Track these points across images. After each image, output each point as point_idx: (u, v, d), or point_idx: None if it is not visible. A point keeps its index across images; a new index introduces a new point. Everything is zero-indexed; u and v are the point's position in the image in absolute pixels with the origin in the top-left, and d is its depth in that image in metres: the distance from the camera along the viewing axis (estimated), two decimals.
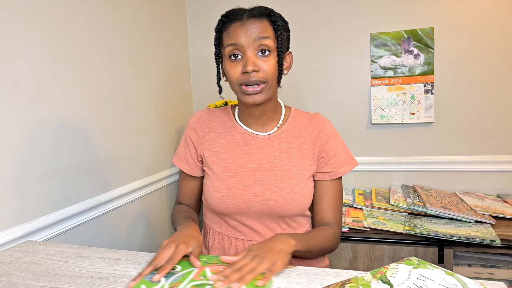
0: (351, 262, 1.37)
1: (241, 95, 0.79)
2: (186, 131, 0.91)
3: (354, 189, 1.71)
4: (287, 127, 0.88)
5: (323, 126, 0.88)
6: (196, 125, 0.90)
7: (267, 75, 0.76)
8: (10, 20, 0.86)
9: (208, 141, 0.88)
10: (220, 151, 0.86)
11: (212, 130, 0.89)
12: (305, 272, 0.63)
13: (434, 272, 0.55)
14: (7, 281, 0.63)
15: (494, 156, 1.56)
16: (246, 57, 0.75)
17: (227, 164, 0.85)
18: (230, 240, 0.86)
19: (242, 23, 0.76)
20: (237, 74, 0.76)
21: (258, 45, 0.75)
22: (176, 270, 0.62)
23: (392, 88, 1.63)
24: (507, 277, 1.26)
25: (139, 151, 1.39)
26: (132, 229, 1.35)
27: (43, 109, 0.95)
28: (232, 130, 0.88)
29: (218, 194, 0.83)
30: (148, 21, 1.47)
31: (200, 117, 0.91)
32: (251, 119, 0.87)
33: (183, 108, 1.79)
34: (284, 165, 0.84)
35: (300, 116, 0.91)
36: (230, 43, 0.76)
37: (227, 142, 0.87)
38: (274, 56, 0.77)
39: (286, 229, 0.85)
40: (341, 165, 0.87)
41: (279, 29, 0.77)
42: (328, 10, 1.67)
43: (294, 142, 0.87)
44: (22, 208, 0.89)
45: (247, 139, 0.86)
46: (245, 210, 0.83)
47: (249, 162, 0.84)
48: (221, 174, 0.84)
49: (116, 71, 1.25)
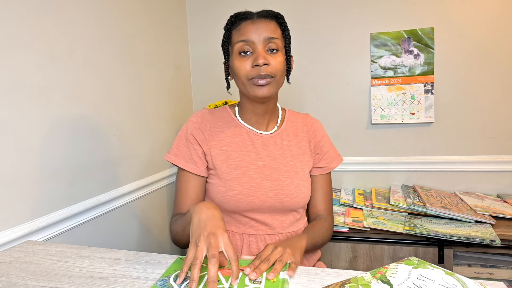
0: (351, 262, 1.37)
1: (250, 89, 0.81)
2: (188, 131, 0.88)
3: (354, 189, 1.71)
4: (285, 126, 0.94)
5: (316, 126, 0.98)
6: (201, 124, 0.89)
7: (276, 70, 0.80)
8: (10, 20, 0.86)
9: (215, 141, 0.88)
10: (229, 150, 0.87)
11: (217, 130, 0.89)
12: (305, 272, 0.63)
13: (434, 272, 0.55)
14: (7, 281, 0.63)
15: (494, 156, 1.56)
16: (257, 52, 0.79)
17: (237, 162, 0.86)
18: (242, 237, 0.87)
19: (253, 21, 0.81)
20: (247, 69, 0.80)
21: (267, 43, 0.80)
22: (186, 276, 0.60)
23: (392, 88, 1.63)
24: (507, 277, 1.26)
25: (139, 151, 1.39)
26: (132, 229, 1.35)
27: (43, 109, 0.95)
28: (237, 129, 0.90)
29: (232, 192, 0.84)
30: (148, 21, 1.47)
31: (203, 117, 0.90)
32: (254, 118, 0.90)
33: (183, 108, 1.79)
34: (289, 162, 0.89)
35: (294, 116, 0.98)
36: (241, 39, 0.80)
37: (235, 141, 0.88)
38: (282, 55, 0.83)
39: (293, 221, 0.90)
40: (332, 160, 0.97)
41: (286, 30, 0.84)
42: (328, 10, 1.67)
43: (293, 140, 0.93)
44: (22, 208, 0.89)
45: (253, 138, 0.89)
46: (258, 206, 0.85)
47: (257, 160, 0.87)
48: (232, 172, 0.85)
49: (116, 72, 1.25)
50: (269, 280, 0.58)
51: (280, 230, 0.88)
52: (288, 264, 0.64)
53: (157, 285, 0.58)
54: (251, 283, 0.57)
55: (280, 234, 0.88)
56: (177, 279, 0.59)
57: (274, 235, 0.87)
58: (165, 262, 0.68)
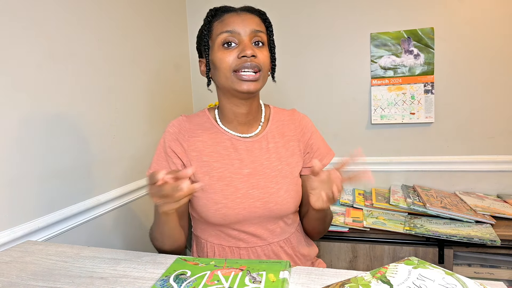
0: (351, 262, 1.37)
1: (235, 83, 0.76)
2: (165, 143, 0.83)
3: (354, 189, 1.71)
4: (271, 126, 0.88)
5: (305, 122, 0.91)
6: (179, 135, 0.83)
7: (263, 63, 0.77)
8: (10, 20, 0.86)
9: (195, 152, 0.82)
10: (211, 160, 0.81)
11: (197, 139, 0.83)
12: (305, 272, 0.63)
13: (434, 272, 0.55)
14: (7, 281, 0.63)
15: (494, 156, 1.56)
16: (244, 43, 0.75)
17: (220, 173, 0.81)
18: (232, 251, 0.83)
19: (238, 14, 0.78)
20: (231, 61, 0.75)
21: (253, 35, 0.76)
22: (186, 276, 0.60)
23: (392, 88, 1.63)
24: (507, 277, 1.26)
25: (139, 151, 1.39)
26: (132, 229, 1.35)
27: (43, 109, 0.95)
28: (218, 136, 0.84)
29: (216, 206, 0.79)
30: (148, 21, 1.47)
31: (180, 126, 0.84)
32: (236, 120, 0.84)
33: (183, 108, 1.79)
34: (276, 166, 0.84)
35: (280, 113, 0.91)
36: (225, 30, 0.76)
37: (216, 150, 0.82)
38: (267, 50, 0.80)
39: (284, 227, 0.85)
40: (323, 157, 0.90)
41: (270, 26, 0.81)
42: (328, 10, 1.67)
43: (280, 141, 0.87)
44: (22, 208, 0.89)
45: (236, 144, 0.83)
46: (246, 217, 0.80)
47: (242, 168, 0.82)
48: (215, 184, 0.80)
49: (116, 71, 1.25)
50: (270, 279, 0.58)
51: (272, 239, 0.83)
52: (288, 263, 0.63)
53: (157, 285, 0.58)
54: (250, 283, 0.57)
55: (272, 244, 0.83)
56: (177, 279, 0.59)
57: (266, 246, 0.83)
58: (165, 262, 0.68)
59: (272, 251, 0.83)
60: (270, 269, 0.61)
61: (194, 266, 0.64)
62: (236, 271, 0.61)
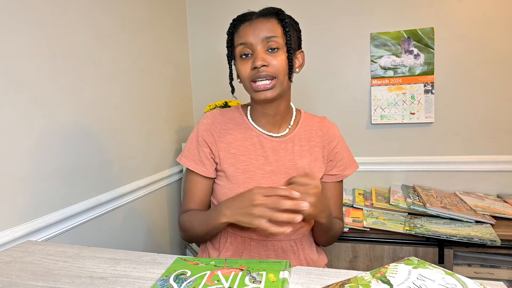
0: (351, 262, 1.37)
1: (252, 93, 0.81)
2: (198, 133, 0.89)
3: (354, 189, 1.71)
4: (299, 130, 0.91)
5: (333, 131, 0.93)
6: (211, 126, 0.88)
7: (277, 70, 0.78)
8: (10, 20, 0.86)
9: (224, 143, 0.87)
10: (238, 153, 0.86)
11: (227, 132, 0.88)
12: (305, 272, 0.63)
13: (434, 272, 0.55)
14: (7, 281, 0.63)
15: (494, 156, 1.56)
16: (256, 54, 0.78)
17: (244, 166, 0.85)
18: (244, 241, 0.86)
19: (251, 23, 0.79)
20: (247, 71, 0.79)
21: (266, 42, 0.78)
22: (186, 276, 0.60)
23: (392, 88, 1.63)
24: (507, 277, 1.26)
25: (139, 151, 1.39)
26: (132, 229, 1.35)
27: (44, 109, 0.95)
28: (247, 132, 0.88)
29: None
30: (149, 21, 1.47)
31: (214, 118, 0.89)
32: (265, 119, 0.88)
33: (183, 108, 1.79)
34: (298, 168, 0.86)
35: (310, 119, 0.94)
36: (240, 43, 0.80)
37: (244, 144, 0.87)
38: (284, 53, 0.79)
39: (298, 228, 0.87)
40: (346, 168, 0.92)
41: (287, 26, 0.80)
42: (328, 10, 1.67)
43: (306, 145, 0.89)
44: (22, 208, 0.89)
45: (263, 142, 0.87)
46: None
47: (266, 164, 0.85)
48: (238, 176, 0.84)
49: (116, 72, 1.25)
50: (270, 279, 0.58)
51: (284, 237, 0.85)
52: (288, 263, 0.64)
53: (157, 285, 0.58)
54: (250, 282, 0.57)
55: (283, 242, 0.85)
56: (177, 279, 0.59)
57: (276, 242, 0.85)
58: (165, 262, 0.68)
59: (281, 248, 0.85)
60: (270, 269, 0.61)
61: (194, 266, 0.64)
62: (236, 271, 0.61)
